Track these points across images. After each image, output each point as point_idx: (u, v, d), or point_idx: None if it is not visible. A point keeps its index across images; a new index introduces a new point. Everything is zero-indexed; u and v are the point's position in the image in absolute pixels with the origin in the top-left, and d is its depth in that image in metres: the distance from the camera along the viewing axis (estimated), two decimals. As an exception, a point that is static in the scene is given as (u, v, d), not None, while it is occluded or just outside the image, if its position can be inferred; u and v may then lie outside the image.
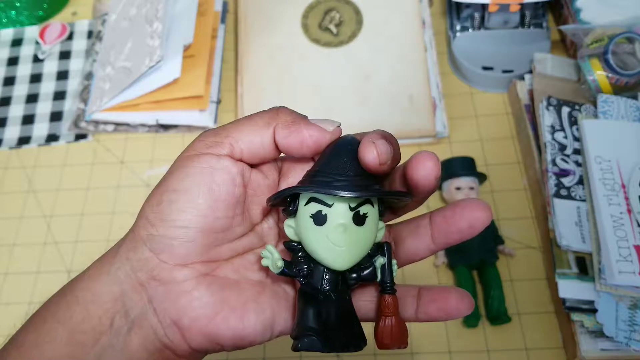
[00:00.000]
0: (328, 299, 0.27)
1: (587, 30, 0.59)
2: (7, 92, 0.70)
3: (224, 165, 0.27)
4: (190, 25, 0.66)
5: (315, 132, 0.28)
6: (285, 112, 0.28)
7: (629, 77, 0.56)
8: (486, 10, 0.64)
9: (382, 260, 0.28)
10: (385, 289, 0.28)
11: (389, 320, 0.27)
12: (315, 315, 0.27)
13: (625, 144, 0.53)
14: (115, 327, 0.26)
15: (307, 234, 0.27)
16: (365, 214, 0.27)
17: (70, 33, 0.73)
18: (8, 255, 0.59)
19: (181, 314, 0.27)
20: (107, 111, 0.64)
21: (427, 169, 0.26)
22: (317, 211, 0.27)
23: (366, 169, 0.27)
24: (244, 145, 0.28)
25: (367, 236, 0.27)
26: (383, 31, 0.66)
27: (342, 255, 0.27)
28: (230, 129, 0.28)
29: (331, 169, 0.27)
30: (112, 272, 0.27)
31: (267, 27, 0.68)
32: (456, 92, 0.65)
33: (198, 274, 0.27)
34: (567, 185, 0.52)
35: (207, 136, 0.28)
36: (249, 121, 0.28)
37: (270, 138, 0.28)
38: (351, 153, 0.27)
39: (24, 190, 0.63)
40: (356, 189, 0.26)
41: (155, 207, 0.27)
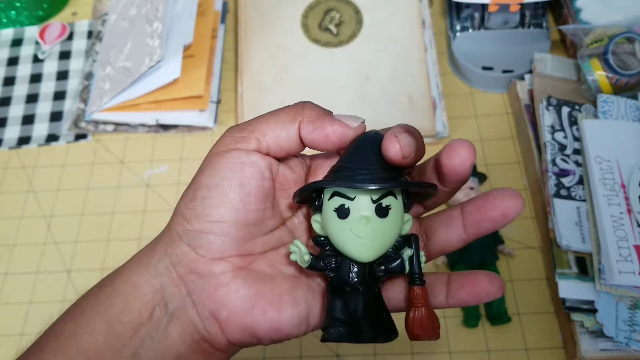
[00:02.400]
0: (356, 291, 0.28)
1: (587, 30, 0.59)
2: (7, 92, 0.70)
3: (253, 160, 0.28)
4: (190, 25, 0.66)
5: (339, 128, 0.28)
6: (310, 107, 0.29)
7: (629, 77, 0.56)
8: (486, 10, 0.64)
9: (409, 252, 0.28)
10: (414, 280, 0.28)
11: (418, 312, 0.27)
12: (343, 307, 0.27)
13: (625, 144, 0.53)
14: (155, 319, 0.27)
15: (331, 227, 0.28)
16: (388, 205, 0.27)
17: (70, 33, 0.73)
18: (8, 255, 0.59)
19: (219, 306, 0.27)
20: (107, 111, 0.64)
21: (463, 156, 0.26)
22: (340, 205, 0.27)
23: (390, 162, 0.27)
24: (270, 139, 0.28)
25: (391, 228, 0.27)
26: (383, 31, 0.66)
27: (366, 247, 0.27)
28: (257, 124, 0.29)
29: (354, 163, 0.28)
30: (151, 265, 0.28)
31: (267, 27, 0.67)
32: (456, 92, 0.65)
33: (234, 267, 0.28)
34: (567, 185, 0.52)
35: (234, 132, 0.29)
36: (275, 116, 0.29)
37: (295, 133, 0.28)
38: (374, 147, 0.28)
39: (24, 190, 0.63)
40: (377, 181, 0.26)
41: (189, 203, 0.28)
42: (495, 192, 0.27)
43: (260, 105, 0.63)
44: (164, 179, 0.63)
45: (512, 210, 0.27)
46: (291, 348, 0.52)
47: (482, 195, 0.28)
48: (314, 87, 0.64)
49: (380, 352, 0.50)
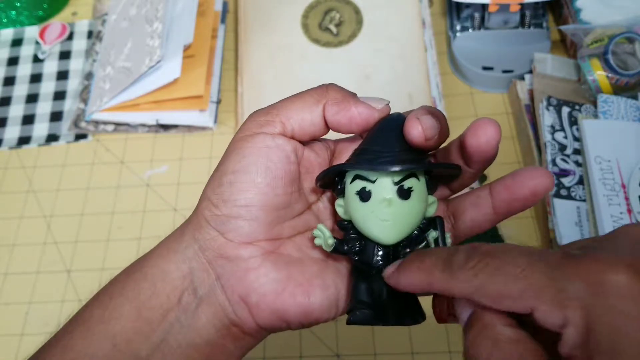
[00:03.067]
0: (380, 273, 0.27)
1: (587, 30, 0.59)
2: (7, 92, 0.70)
3: (278, 144, 0.28)
4: (190, 25, 0.66)
5: (364, 110, 0.28)
6: (334, 90, 0.29)
7: (629, 77, 0.56)
8: (486, 10, 0.64)
9: (434, 234, 0.28)
10: None
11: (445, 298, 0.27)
12: (368, 290, 0.27)
13: (625, 144, 0.53)
14: (184, 304, 0.27)
15: (354, 211, 0.28)
16: (410, 187, 0.27)
17: (70, 33, 0.73)
18: (8, 255, 0.59)
19: (249, 290, 0.27)
20: (107, 111, 0.64)
21: (489, 134, 0.26)
22: (362, 188, 0.27)
23: (412, 145, 0.27)
24: (295, 122, 0.28)
25: (414, 210, 0.27)
26: (383, 31, 0.66)
27: (389, 229, 0.27)
28: (281, 108, 0.28)
29: (376, 145, 0.28)
30: (180, 251, 0.28)
31: (267, 27, 0.68)
32: (456, 92, 0.65)
33: (263, 252, 0.28)
34: (567, 185, 0.52)
35: (259, 115, 0.29)
36: (299, 99, 0.29)
37: (320, 115, 0.28)
38: (397, 129, 0.27)
39: (24, 190, 0.63)
40: (398, 163, 0.26)
41: (217, 188, 0.28)
42: (523, 171, 0.27)
43: (260, 105, 0.63)
44: (164, 179, 0.63)
45: (541, 187, 0.26)
46: (291, 348, 0.52)
47: (510, 174, 0.27)
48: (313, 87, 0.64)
49: (380, 352, 0.50)
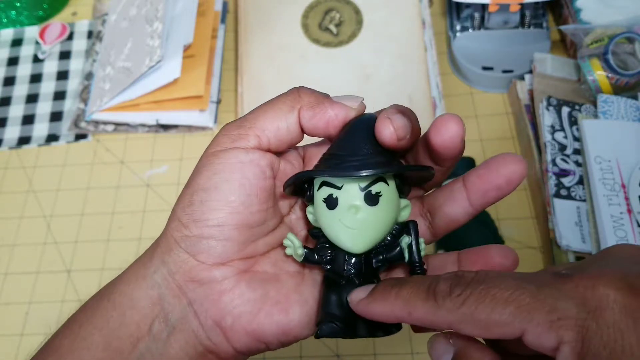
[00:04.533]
0: (351, 283, 0.26)
1: (587, 30, 0.59)
2: (7, 92, 0.70)
3: (252, 158, 0.26)
4: (190, 25, 0.66)
5: (340, 111, 0.27)
6: (306, 93, 0.28)
7: (629, 77, 0.56)
8: (486, 10, 0.64)
9: (407, 239, 0.27)
10: (415, 270, 0.26)
11: None
12: (338, 301, 0.26)
13: (625, 144, 0.53)
14: (154, 333, 0.26)
15: (322, 218, 0.27)
16: (378, 192, 0.26)
17: (70, 33, 0.73)
18: (8, 255, 0.59)
19: (223, 313, 0.26)
20: (107, 111, 0.64)
21: (452, 131, 0.25)
22: (329, 195, 0.26)
23: (384, 145, 0.26)
24: (270, 133, 0.27)
25: (384, 216, 0.26)
26: (383, 31, 0.66)
27: (357, 237, 0.26)
28: (254, 119, 0.27)
29: (344, 149, 0.26)
30: (148, 276, 0.27)
31: (267, 27, 0.67)
32: (456, 92, 0.65)
33: (237, 272, 0.27)
34: (567, 185, 0.52)
35: (231, 129, 0.27)
36: (272, 108, 0.27)
37: (295, 122, 0.27)
38: (366, 131, 0.26)
39: (24, 190, 0.63)
40: (363, 167, 0.25)
41: (187, 208, 0.26)
42: (496, 159, 0.26)
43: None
44: (164, 179, 0.63)
45: (516, 175, 0.26)
46: (291, 348, 0.51)
47: (483, 163, 0.27)
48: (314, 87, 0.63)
49: (380, 352, 0.50)
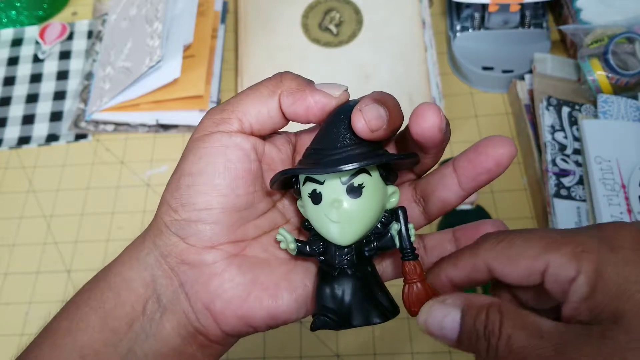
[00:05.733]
0: (343, 274, 0.27)
1: (587, 30, 0.59)
2: (7, 92, 0.70)
3: (236, 142, 0.27)
4: (190, 25, 0.66)
5: (321, 98, 0.27)
6: (289, 78, 0.28)
7: (629, 77, 0.56)
8: (486, 10, 0.64)
9: (397, 226, 0.27)
10: (406, 256, 0.27)
11: (414, 287, 0.26)
12: (331, 293, 0.27)
13: (625, 144, 0.53)
14: (148, 313, 0.27)
15: (309, 213, 0.27)
16: (360, 184, 0.26)
17: (70, 33, 0.73)
18: (8, 255, 0.59)
19: (213, 296, 0.26)
20: (107, 111, 0.64)
21: (430, 120, 0.25)
22: (313, 190, 0.26)
23: (360, 137, 0.26)
24: (252, 117, 0.27)
25: (368, 206, 0.26)
26: (383, 31, 0.66)
27: (343, 230, 0.26)
28: (236, 103, 0.27)
29: (325, 142, 0.27)
30: (141, 258, 0.27)
31: (267, 27, 0.67)
32: (456, 92, 0.65)
33: (227, 255, 0.27)
34: (567, 185, 0.52)
35: (214, 114, 0.27)
36: (254, 92, 0.27)
37: (276, 107, 0.27)
38: (348, 120, 0.26)
39: (24, 190, 0.63)
40: (343, 161, 0.25)
41: (175, 192, 0.27)
42: (485, 142, 0.26)
43: (260, 105, 0.63)
44: (164, 179, 0.62)
45: (505, 157, 0.26)
46: (291, 348, 0.52)
47: (472, 147, 0.27)
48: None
49: (380, 352, 0.50)
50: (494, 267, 0.24)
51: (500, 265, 0.24)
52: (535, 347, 0.21)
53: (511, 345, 0.21)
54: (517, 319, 0.22)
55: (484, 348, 0.22)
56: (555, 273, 0.22)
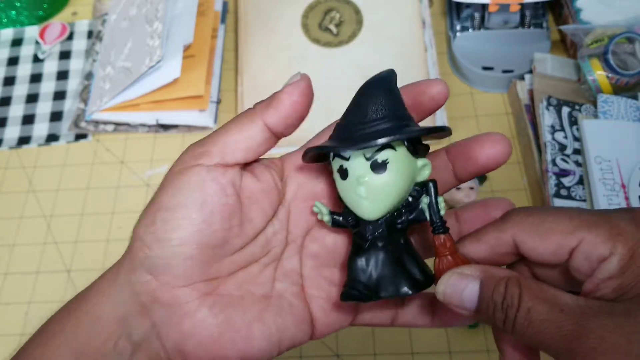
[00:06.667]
0: (374, 246, 0.27)
1: (587, 30, 0.59)
2: (7, 92, 0.70)
3: (214, 176, 0.26)
4: (190, 25, 0.66)
5: (290, 87, 0.27)
6: (259, 103, 0.28)
7: (629, 77, 0.56)
8: (486, 10, 0.64)
9: (426, 200, 0.27)
10: (436, 229, 0.27)
11: (445, 260, 0.26)
12: (361, 265, 0.27)
13: (625, 144, 0.53)
14: (119, 350, 0.26)
15: (339, 188, 0.27)
16: (385, 160, 0.26)
17: (70, 33, 0.73)
18: (8, 255, 0.59)
19: (185, 338, 0.26)
20: (107, 111, 0.64)
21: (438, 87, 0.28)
22: (339, 166, 0.27)
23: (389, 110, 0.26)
24: (233, 147, 0.27)
25: (395, 182, 0.26)
26: (383, 31, 0.66)
27: (370, 206, 0.26)
28: (216, 135, 0.27)
29: (352, 117, 0.27)
30: (114, 295, 0.27)
31: (267, 27, 0.67)
32: (456, 92, 0.65)
33: (200, 294, 0.26)
34: (567, 185, 0.52)
35: (195, 147, 0.27)
36: (233, 123, 0.28)
37: (259, 130, 0.27)
38: (376, 92, 0.26)
39: (24, 190, 0.63)
40: (368, 138, 0.25)
41: (150, 227, 0.26)
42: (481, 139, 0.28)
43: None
44: (164, 179, 0.62)
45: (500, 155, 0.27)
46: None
47: (466, 144, 0.29)
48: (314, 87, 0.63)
49: (380, 353, 0.50)
50: (523, 241, 0.24)
51: (529, 239, 0.24)
52: (555, 320, 0.21)
53: (530, 317, 0.22)
54: (537, 292, 0.22)
55: (501, 319, 0.23)
56: (588, 250, 0.22)
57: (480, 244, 0.26)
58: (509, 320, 0.22)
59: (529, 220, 0.24)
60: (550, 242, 0.23)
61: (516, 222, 0.25)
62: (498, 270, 0.24)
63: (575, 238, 0.23)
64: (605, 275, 0.22)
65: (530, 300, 0.22)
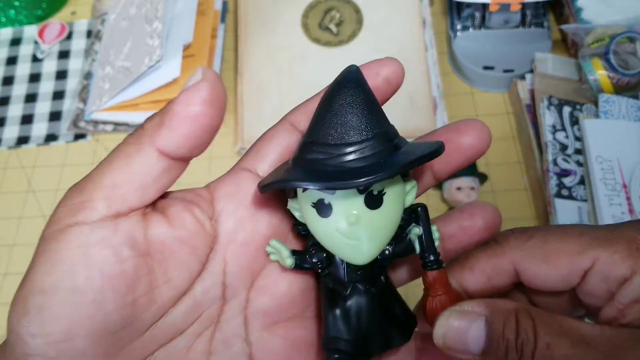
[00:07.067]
0: (356, 292, 0.22)
1: (588, 30, 0.59)
2: (6, 91, 0.70)
3: (100, 237, 0.20)
4: (190, 24, 0.66)
5: (190, 94, 0.20)
6: (147, 120, 0.21)
7: (630, 76, 0.56)
8: (487, 10, 0.64)
9: (417, 230, 0.22)
10: (429, 265, 0.22)
11: (438, 300, 0.22)
12: (343, 319, 0.22)
13: (626, 143, 0.53)
14: None
15: (313, 227, 0.22)
16: (381, 191, 0.21)
17: (69, 33, 0.73)
18: (8, 255, 0.59)
19: None
20: (107, 111, 0.64)
21: (389, 68, 0.22)
22: (319, 200, 0.21)
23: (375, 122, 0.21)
24: (124, 187, 0.20)
25: (390, 216, 0.22)
26: (383, 31, 0.65)
27: (361, 249, 0.21)
28: (97, 175, 0.21)
29: (325, 135, 0.21)
30: None
31: (267, 26, 0.67)
32: (457, 92, 0.65)
33: None
34: (568, 185, 0.52)
35: (71, 197, 0.21)
36: (116, 155, 0.21)
37: (152, 159, 0.20)
38: (350, 99, 0.21)
39: (23, 190, 0.63)
40: (363, 171, 0.20)
41: (23, 318, 0.20)
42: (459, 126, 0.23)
43: (260, 105, 0.63)
44: (164, 179, 0.62)
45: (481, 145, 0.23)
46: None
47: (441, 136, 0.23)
48: (314, 87, 0.63)
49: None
50: (524, 267, 0.21)
51: (532, 265, 0.21)
52: (581, 356, 0.18)
53: (551, 354, 0.18)
54: (554, 324, 0.19)
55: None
56: (604, 271, 0.19)
57: (474, 274, 0.22)
58: (525, 359, 0.19)
59: (530, 243, 0.21)
60: (558, 265, 0.20)
61: (515, 245, 0.21)
62: (503, 302, 0.20)
63: (588, 258, 0.20)
64: (630, 299, 0.19)
65: (547, 335, 0.18)
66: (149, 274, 0.21)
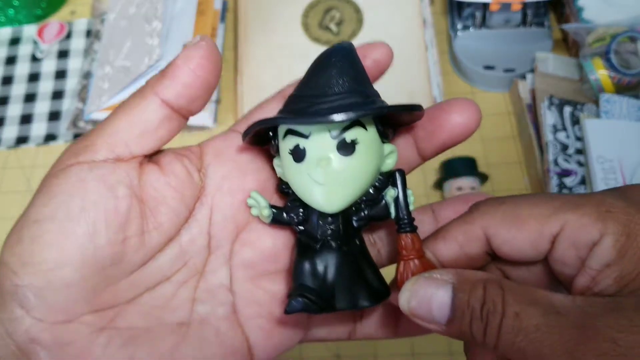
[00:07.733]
0: (327, 247, 0.23)
1: (589, 30, 0.59)
2: (5, 91, 0.69)
3: (98, 174, 0.21)
4: (190, 24, 0.66)
5: (188, 50, 0.22)
6: (152, 77, 0.23)
7: (631, 76, 0.56)
8: (487, 9, 0.63)
9: (393, 192, 0.23)
10: (402, 227, 0.23)
11: (410, 264, 0.22)
12: (311, 269, 0.23)
13: (627, 143, 0.53)
14: None
15: (289, 173, 0.23)
16: (354, 140, 0.22)
17: (68, 32, 0.73)
18: (6, 255, 0.59)
19: None
20: (106, 110, 0.64)
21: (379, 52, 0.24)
22: (295, 145, 0.22)
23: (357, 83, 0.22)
24: (126, 134, 0.21)
25: (362, 167, 0.22)
26: (383, 30, 0.65)
27: (330, 194, 0.22)
28: (102, 126, 0.22)
29: (312, 88, 0.22)
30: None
31: (267, 26, 0.67)
32: (457, 92, 0.65)
33: (91, 330, 0.21)
34: (569, 185, 0.52)
35: (77, 142, 0.22)
36: (121, 108, 0.22)
37: (154, 107, 0.22)
38: (340, 63, 0.22)
39: (22, 190, 0.63)
40: (337, 110, 0.21)
41: (15, 247, 0.20)
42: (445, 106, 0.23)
43: (260, 104, 0.63)
44: (164, 179, 0.62)
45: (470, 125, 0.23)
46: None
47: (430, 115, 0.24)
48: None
49: (381, 354, 0.50)
50: (495, 233, 0.20)
51: (502, 230, 0.20)
52: (552, 325, 0.17)
53: (520, 324, 0.17)
54: (524, 294, 0.18)
55: (481, 330, 0.18)
56: (573, 235, 0.19)
57: (447, 242, 0.22)
58: (491, 329, 0.18)
59: (502, 209, 0.21)
60: (527, 230, 0.20)
61: (486, 211, 0.21)
62: (473, 272, 0.20)
63: (556, 221, 0.19)
64: (600, 264, 0.18)
65: (517, 304, 0.18)
66: (141, 217, 0.21)
